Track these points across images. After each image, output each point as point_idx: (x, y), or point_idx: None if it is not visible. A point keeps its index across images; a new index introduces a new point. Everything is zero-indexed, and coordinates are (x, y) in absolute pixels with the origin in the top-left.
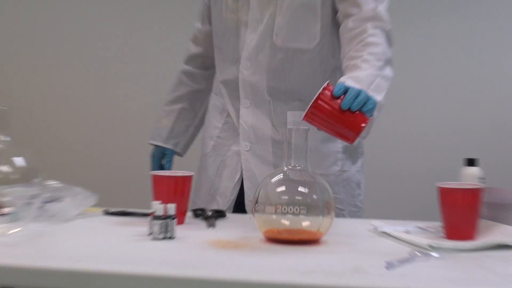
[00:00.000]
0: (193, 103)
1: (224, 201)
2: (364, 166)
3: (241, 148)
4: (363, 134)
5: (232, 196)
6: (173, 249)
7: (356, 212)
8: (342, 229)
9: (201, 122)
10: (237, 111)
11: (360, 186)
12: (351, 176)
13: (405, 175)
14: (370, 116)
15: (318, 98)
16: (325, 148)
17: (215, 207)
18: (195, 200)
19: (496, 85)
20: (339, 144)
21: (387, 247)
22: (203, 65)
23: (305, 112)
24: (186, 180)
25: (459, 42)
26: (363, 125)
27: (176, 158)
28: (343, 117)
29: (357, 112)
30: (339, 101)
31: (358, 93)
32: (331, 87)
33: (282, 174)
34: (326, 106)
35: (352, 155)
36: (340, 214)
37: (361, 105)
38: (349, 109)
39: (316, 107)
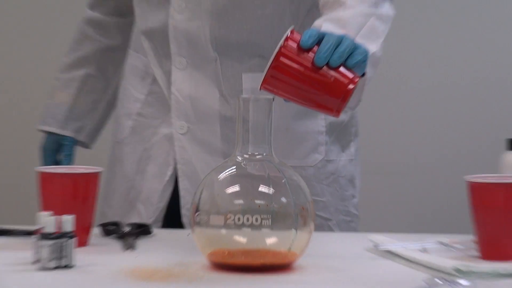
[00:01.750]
0: (104, 66)
1: (149, 211)
2: (359, 153)
3: (174, 131)
4: (352, 102)
5: (161, 203)
6: (71, 283)
7: (349, 223)
8: (326, 248)
9: (116, 94)
10: (168, 75)
11: (354, 183)
12: (341, 169)
13: (420, 167)
14: (361, 73)
15: (279, 53)
16: (300, 127)
17: (136, 219)
18: (105, 210)
19: None
20: (320, 121)
21: (393, 273)
22: (117, 9)
23: (263, 76)
24: (91, 179)
25: None
26: (350, 86)
27: (79, 151)
28: (320, 77)
29: (340, 68)
30: (311, 54)
31: (339, 40)
32: (297, 36)
33: (235, 167)
34: (292, 64)
35: (342, 136)
36: (324, 225)
37: (345, 58)
38: (327, 65)
39: (277, 67)
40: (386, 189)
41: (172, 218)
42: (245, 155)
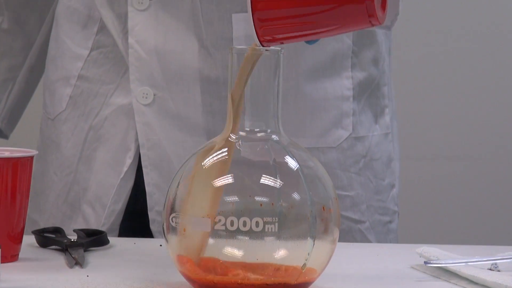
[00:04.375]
0: (22, 15)
1: (100, 215)
2: (396, 123)
3: (135, 100)
4: (386, 17)
5: (117, 204)
6: None
7: (387, 224)
8: (356, 265)
9: (42, 57)
10: (122, 19)
11: (391, 167)
12: (374, 148)
13: (482, 151)
14: None
15: None
16: (317, 91)
17: (81, 225)
18: (34, 216)
19: None
20: (345, 80)
21: None
22: None
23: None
24: (21, 166)
25: None
26: None
27: None
28: None
29: None
30: None
31: None
32: None
33: (226, 149)
34: None
35: (373, 100)
36: (353, 230)
37: None
38: None
39: None
40: (433, 180)
41: (133, 225)
42: (241, 133)
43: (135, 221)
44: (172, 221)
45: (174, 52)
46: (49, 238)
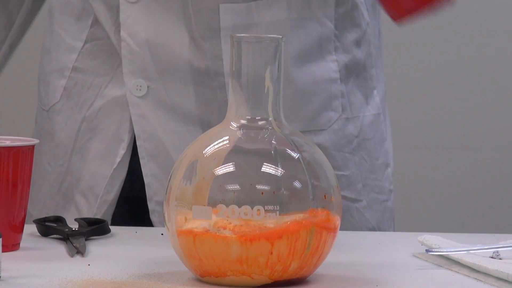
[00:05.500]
0: None
1: (93, 205)
2: (386, 103)
3: (129, 92)
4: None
5: (109, 194)
6: None
7: (384, 202)
8: (356, 254)
9: (23, 33)
10: (114, 12)
11: (385, 147)
12: (367, 128)
13: (482, 138)
14: None
15: None
16: (305, 76)
17: (74, 215)
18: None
19: None
20: (331, 63)
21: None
22: None
23: None
24: (22, 155)
25: None
26: None
27: None
28: None
29: None
30: None
31: None
32: None
33: (227, 137)
34: None
35: (362, 82)
36: (351, 209)
37: None
38: None
39: None
40: (435, 168)
41: (129, 213)
42: (242, 121)
43: (131, 208)
44: (173, 210)
45: (165, 44)
46: (50, 227)
